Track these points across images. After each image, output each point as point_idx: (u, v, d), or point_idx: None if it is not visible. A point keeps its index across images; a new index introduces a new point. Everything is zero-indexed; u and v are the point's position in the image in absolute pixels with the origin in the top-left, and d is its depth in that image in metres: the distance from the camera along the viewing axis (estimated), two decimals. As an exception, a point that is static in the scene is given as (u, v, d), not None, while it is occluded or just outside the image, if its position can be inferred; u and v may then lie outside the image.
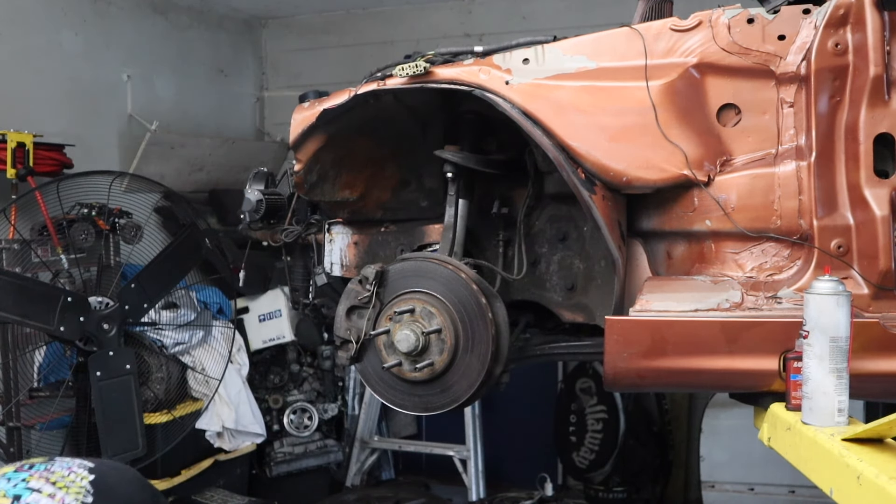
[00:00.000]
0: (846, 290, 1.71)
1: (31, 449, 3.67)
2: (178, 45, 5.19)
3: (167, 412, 4.00)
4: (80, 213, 3.80)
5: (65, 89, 4.37)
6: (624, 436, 4.55)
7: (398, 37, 5.38)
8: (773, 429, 1.89)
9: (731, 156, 2.10)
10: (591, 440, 4.64)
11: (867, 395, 2.48)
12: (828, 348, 1.68)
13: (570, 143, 2.08)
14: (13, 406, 3.59)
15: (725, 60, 2.07)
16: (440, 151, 2.35)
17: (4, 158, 3.69)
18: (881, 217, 1.99)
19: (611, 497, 4.62)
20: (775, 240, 2.07)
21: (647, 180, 2.10)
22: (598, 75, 2.11)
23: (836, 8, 2.01)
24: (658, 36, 2.10)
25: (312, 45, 5.70)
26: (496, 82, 2.13)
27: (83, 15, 4.53)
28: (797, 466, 1.75)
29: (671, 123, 2.06)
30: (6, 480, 0.93)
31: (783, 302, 2.02)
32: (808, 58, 2.02)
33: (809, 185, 2.01)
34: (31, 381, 3.69)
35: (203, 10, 5.39)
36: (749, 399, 2.13)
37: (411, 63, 2.16)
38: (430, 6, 5.48)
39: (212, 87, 5.48)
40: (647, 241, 2.22)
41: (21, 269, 3.56)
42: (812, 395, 1.70)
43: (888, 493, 1.35)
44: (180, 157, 4.88)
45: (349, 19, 5.68)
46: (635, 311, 2.03)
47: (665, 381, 2.17)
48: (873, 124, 2.01)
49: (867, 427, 1.58)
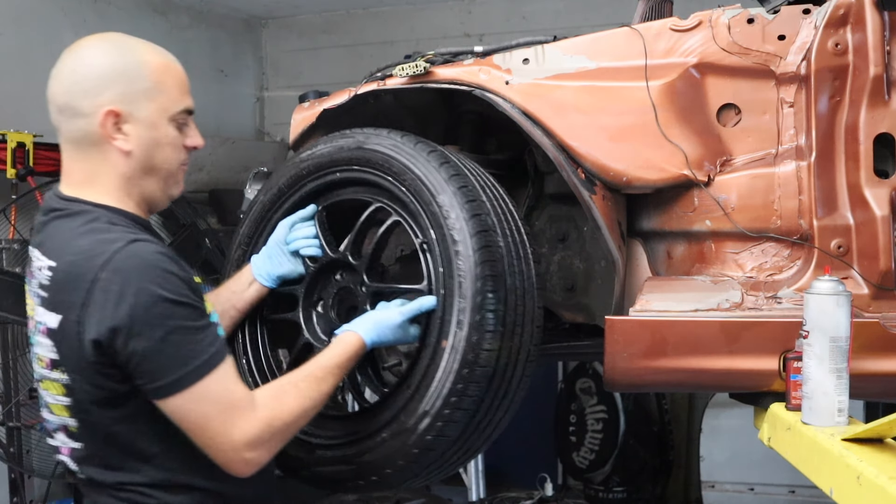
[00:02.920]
0: (846, 290, 1.71)
1: (30, 449, 3.67)
2: (178, 45, 5.14)
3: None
4: (80, 213, 3.80)
5: (65, 89, 4.36)
6: (624, 436, 4.55)
7: (398, 37, 5.38)
8: (773, 429, 1.89)
9: (731, 156, 2.10)
10: (591, 440, 4.64)
11: (867, 395, 2.48)
12: (828, 348, 1.68)
13: (570, 143, 2.08)
14: (13, 406, 3.59)
15: (725, 60, 2.07)
16: (440, 151, 2.35)
17: (4, 158, 3.69)
18: (881, 217, 1.99)
19: (611, 497, 4.62)
20: (775, 240, 2.06)
21: (647, 180, 2.10)
22: (598, 75, 2.11)
23: (836, 8, 2.01)
24: (658, 36, 2.10)
25: (312, 45, 5.70)
26: (496, 82, 2.13)
27: (83, 15, 4.54)
28: (797, 466, 1.75)
29: (671, 123, 2.06)
30: None
31: (783, 302, 2.02)
32: (808, 58, 2.02)
33: (809, 185, 2.02)
34: (30, 381, 3.69)
35: (203, 10, 5.39)
36: (749, 399, 2.13)
37: (411, 63, 2.16)
38: (430, 6, 5.49)
39: (212, 87, 5.48)
40: (647, 241, 2.22)
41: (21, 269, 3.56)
42: (812, 395, 1.70)
43: (888, 493, 1.35)
44: (180, 157, 4.87)
45: (349, 19, 5.68)
46: (635, 311, 2.02)
47: (665, 381, 2.17)
48: (873, 124, 2.01)
49: (867, 427, 1.58)
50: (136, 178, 1.58)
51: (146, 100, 1.55)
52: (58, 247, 1.51)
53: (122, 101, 1.53)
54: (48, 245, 1.54)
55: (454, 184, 1.88)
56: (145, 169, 1.58)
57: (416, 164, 1.92)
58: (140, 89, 1.55)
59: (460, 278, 1.81)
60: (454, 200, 1.86)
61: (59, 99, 1.54)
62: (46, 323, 1.50)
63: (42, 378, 1.55)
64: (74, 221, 1.53)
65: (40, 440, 3.67)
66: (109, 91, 1.52)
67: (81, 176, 1.56)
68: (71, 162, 1.58)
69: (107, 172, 1.56)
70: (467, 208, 1.86)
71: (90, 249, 1.47)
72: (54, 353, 1.50)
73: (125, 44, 1.58)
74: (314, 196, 2.09)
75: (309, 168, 2.09)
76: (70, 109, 1.53)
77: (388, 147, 1.97)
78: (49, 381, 1.54)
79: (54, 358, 1.51)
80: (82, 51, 1.56)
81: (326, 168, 2.06)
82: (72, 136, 1.56)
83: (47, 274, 1.50)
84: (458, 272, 1.81)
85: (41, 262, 1.53)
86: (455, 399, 1.79)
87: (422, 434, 1.80)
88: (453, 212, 1.85)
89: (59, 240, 1.53)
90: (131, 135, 1.54)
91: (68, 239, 1.51)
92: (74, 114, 1.53)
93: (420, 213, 1.90)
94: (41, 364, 1.54)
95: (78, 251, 1.48)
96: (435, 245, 1.86)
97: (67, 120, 1.54)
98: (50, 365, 1.52)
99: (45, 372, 1.54)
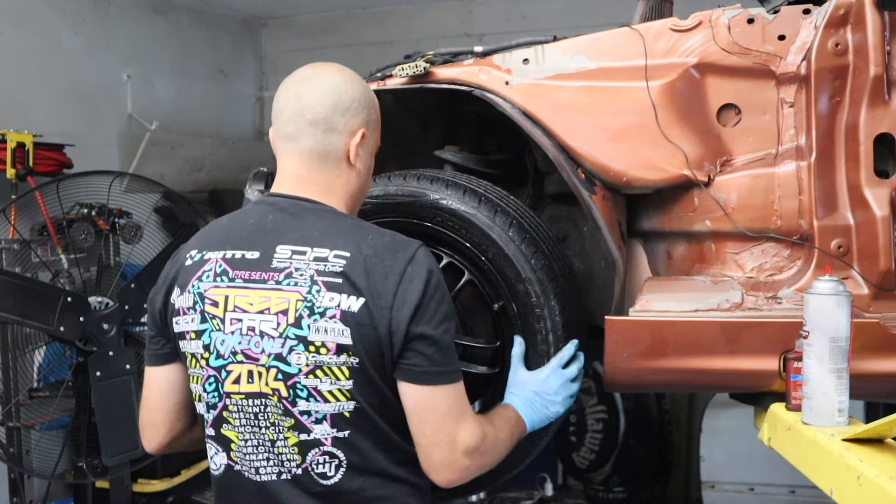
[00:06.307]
0: (846, 291, 1.71)
1: (30, 449, 3.67)
2: (177, 45, 5.19)
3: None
4: (80, 213, 3.80)
5: (65, 89, 4.36)
6: (624, 436, 4.55)
7: (398, 37, 5.38)
8: (773, 429, 1.89)
9: (731, 156, 2.10)
10: (591, 440, 4.64)
11: (867, 395, 2.48)
12: (828, 348, 1.68)
13: (570, 143, 2.08)
14: (13, 406, 3.59)
15: (725, 60, 2.07)
16: (440, 152, 2.35)
17: (4, 158, 3.69)
18: (881, 217, 1.99)
19: (611, 497, 4.63)
20: (775, 240, 2.07)
21: (648, 180, 2.10)
22: (598, 75, 2.11)
23: (836, 8, 2.01)
24: (658, 36, 2.10)
25: (312, 45, 5.69)
26: (496, 82, 2.12)
27: (83, 15, 4.53)
28: (797, 466, 1.75)
29: (671, 123, 2.06)
30: None
31: (783, 302, 2.02)
32: (808, 58, 2.03)
33: (809, 186, 2.02)
34: (30, 381, 3.69)
35: (203, 10, 5.39)
36: (749, 399, 2.13)
37: (411, 63, 2.16)
38: (430, 6, 5.49)
39: (212, 87, 5.48)
40: (647, 241, 2.22)
41: (21, 269, 3.56)
42: (812, 395, 1.70)
43: (888, 493, 1.35)
44: (180, 157, 4.88)
45: (349, 19, 5.68)
46: (635, 312, 2.03)
47: (665, 381, 2.17)
48: (873, 124, 2.01)
49: (867, 427, 1.58)
50: (355, 196, 1.74)
51: (374, 130, 1.75)
52: (341, 239, 1.60)
53: (367, 127, 1.71)
54: (311, 237, 1.61)
55: (528, 250, 2.00)
56: (362, 190, 1.76)
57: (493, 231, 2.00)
58: (374, 120, 1.75)
59: (541, 333, 2.00)
60: (529, 268, 2.00)
61: (317, 112, 1.66)
62: (341, 306, 1.55)
63: (319, 365, 1.57)
64: (343, 220, 1.66)
65: (40, 440, 3.67)
66: (362, 115, 1.70)
67: (319, 186, 1.68)
68: (306, 171, 1.68)
69: (340, 187, 1.70)
70: (544, 277, 2.00)
71: (390, 245, 1.61)
72: (345, 338, 1.56)
73: (360, 78, 1.77)
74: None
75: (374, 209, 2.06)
76: (326, 123, 1.66)
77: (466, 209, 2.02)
78: (330, 367, 1.57)
79: (344, 343, 1.56)
80: (336, 73, 1.72)
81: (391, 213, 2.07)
82: (318, 149, 1.67)
83: (339, 262, 1.57)
84: (538, 331, 2.00)
85: (310, 251, 1.59)
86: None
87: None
88: (533, 286, 1.99)
89: (332, 233, 1.61)
90: (363, 157, 1.72)
91: (353, 233, 1.62)
92: (329, 128, 1.66)
93: (500, 284, 2.02)
94: (323, 352, 1.56)
95: (377, 246, 1.60)
96: (512, 310, 2.02)
97: (320, 133, 1.66)
98: (336, 350, 1.56)
99: (324, 358, 1.57)
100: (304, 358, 1.56)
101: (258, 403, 1.60)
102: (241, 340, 1.59)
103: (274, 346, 1.57)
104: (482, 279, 2.05)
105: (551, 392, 1.92)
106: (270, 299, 1.58)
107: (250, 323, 1.58)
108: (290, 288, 1.57)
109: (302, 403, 1.58)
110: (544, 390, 1.92)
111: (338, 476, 1.60)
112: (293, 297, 1.57)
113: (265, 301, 1.58)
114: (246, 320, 1.59)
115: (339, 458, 1.60)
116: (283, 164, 1.71)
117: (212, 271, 1.63)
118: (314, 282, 1.56)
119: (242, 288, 1.60)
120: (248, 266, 1.61)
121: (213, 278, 1.63)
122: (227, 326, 1.60)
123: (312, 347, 1.56)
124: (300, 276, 1.57)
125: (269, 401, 1.59)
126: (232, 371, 1.60)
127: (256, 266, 1.60)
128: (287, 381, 1.57)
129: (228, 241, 1.66)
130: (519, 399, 1.89)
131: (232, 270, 1.62)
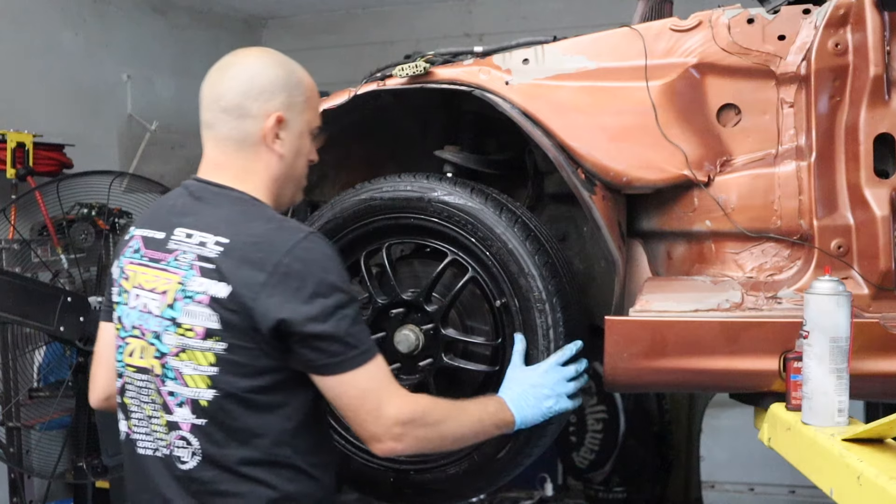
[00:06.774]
0: (846, 291, 1.70)
1: (30, 449, 3.67)
2: (177, 45, 5.19)
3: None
4: (80, 213, 3.80)
5: (65, 89, 4.37)
6: (624, 436, 4.55)
7: (398, 37, 5.38)
8: (773, 429, 1.89)
9: (731, 156, 2.10)
10: (591, 440, 4.64)
11: (867, 395, 2.47)
12: (828, 348, 1.68)
13: (570, 143, 2.08)
14: (13, 406, 3.59)
15: (725, 60, 2.07)
16: (440, 152, 2.35)
17: (4, 158, 3.69)
18: (881, 217, 1.98)
19: (611, 497, 4.62)
20: (775, 240, 2.06)
21: (647, 180, 2.10)
22: (598, 75, 2.11)
23: (836, 8, 2.01)
24: (658, 36, 2.10)
25: (312, 45, 5.69)
26: (496, 82, 2.12)
27: (83, 15, 4.53)
28: (797, 466, 1.75)
29: (671, 123, 2.06)
30: None
31: (783, 302, 2.02)
32: (808, 58, 2.02)
33: (809, 186, 2.01)
34: (30, 381, 3.69)
35: (203, 10, 5.39)
36: (749, 399, 2.13)
37: (411, 63, 2.16)
38: (430, 6, 5.49)
39: (212, 87, 5.46)
40: (647, 241, 2.22)
41: (21, 269, 3.57)
42: (812, 395, 1.70)
43: (888, 493, 1.35)
44: (180, 156, 4.88)
45: (349, 19, 5.68)
46: (635, 312, 2.02)
47: (665, 381, 2.17)
48: (873, 124, 2.00)
49: (867, 427, 1.58)
50: (280, 180, 1.72)
51: (300, 112, 1.72)
52: (225, 225, 1.60)
53: (286, 109, 1.69)
54: (204, 222, 1.62)
55: (532, 247, 2.03)
56: (287, 174, 1.73)
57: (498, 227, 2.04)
58: (298, 101, 1.72)
59: (542, 329, 2.03)
60: (532, 263, 2.03)
61: (230, 99, 1.67)
62: (209, 292, 1.57)
63: (185, 348, 1.60)
64: (239, 206, 1.65)
65: (40, 440, 3.67)
66: (278, 98, 1.68)
67: (235, 171, 1.69)
68: (225, 157, 1.70)
69: (259, 171, 1.69)
70: (546, 274, 2.03)
71: (270, 234, 1.59)
72: (213, 323, 1.56)
73: (285, 59, 1.76)
74: (375, 235, 2.16)
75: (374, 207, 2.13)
76: (240, 109, 1.67)
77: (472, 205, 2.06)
78: (194, 351, 1.59)
79: (212, 327, 1.56)
80: (252, 59, 1.72)
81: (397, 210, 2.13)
82: (233, 135, 1.68)
83: (216, 248, 1.58)
84: (539, 327, 2.02)
85: (197, 235, 1.61)
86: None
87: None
88: (535, 281, 2.02)
89: (222, 219, 1.62)
90: (285, 141, 1.70)
91: (239, 220, 1.62)
92: (243, 114, 1.67)
93: (503, 280, 2.04)
94: (190, 335, 1.58)
95: (257, 234, 1.59)
96: (514, 306, 2.04)
97: (234, 119, 1.67)
98: (203, 334, 1.57)
99: (190, 342, 1.58)
100: (174, 339, 1.61)
101: (143, 378, 1.66)
102: (139, 316, 1.65)
103: (155, 324, 1.63)
104: (485, 275, 2.08)
105: (545, 386, 1.92)
106: (159, 279, 1.63)
107: (144, 300, 1.65)
108: (174, 270, 1.62)
109: (170, 384, 1.62)
110: (539, 384, 1.92)
111: (192, 463, 1.61)
112: (174, 278, 1.61)
113: (155, 280, 1.64)
114: (142, 297, 1.65)
115: (193, 445, 1.61)
116: (205, 150, 1.75)
117: (131, 248, 1.70)
118: (191, 266, 1.60)
119: (145, 266, 1.66)
120: (154, 245, 1.66)
121: (130, 254, 1.70)
122: (130, 301, 1.67)
123: (181, 330, 1.59)
124: (183, 259, 1.61)
125: (150, 377, 1.65)
126: (129, 344, 1.68)
127: (158, 246, 1.66)
128: (161, 359, 1.62)
129: (149, 220, 1.73)
130: (512, 392, 1.91)
131: (143, 248, 1.68)
